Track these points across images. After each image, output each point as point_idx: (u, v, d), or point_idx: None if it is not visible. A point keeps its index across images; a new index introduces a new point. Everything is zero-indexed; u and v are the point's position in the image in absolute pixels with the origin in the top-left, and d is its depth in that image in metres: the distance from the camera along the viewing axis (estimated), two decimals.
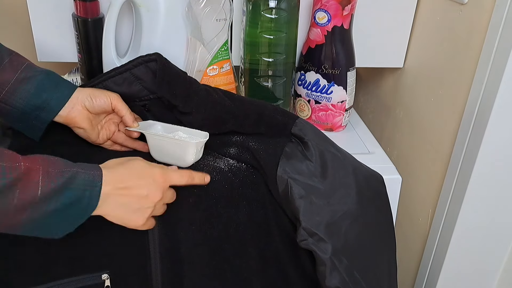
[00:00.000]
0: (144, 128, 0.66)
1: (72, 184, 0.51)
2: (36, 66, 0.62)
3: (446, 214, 0.79)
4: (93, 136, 0.64)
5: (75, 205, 0.52)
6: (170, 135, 0.65)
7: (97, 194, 0.53)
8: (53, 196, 0.49)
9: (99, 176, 0.53)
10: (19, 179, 0.47)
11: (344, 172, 0.66)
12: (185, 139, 0.64)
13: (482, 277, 0.83)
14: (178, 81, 0.65)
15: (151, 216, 0.59)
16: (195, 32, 0.77)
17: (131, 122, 0.65)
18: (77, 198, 0.51)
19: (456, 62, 0.77)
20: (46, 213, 0.50)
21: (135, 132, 0.66)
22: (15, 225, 0.49)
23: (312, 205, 0.63)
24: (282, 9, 0.76)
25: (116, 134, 0.68)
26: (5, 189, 0.46)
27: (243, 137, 0.67)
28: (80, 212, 0.53)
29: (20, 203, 0.47)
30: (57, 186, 0.50)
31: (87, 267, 0.62)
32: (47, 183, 0.49)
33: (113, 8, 0.71)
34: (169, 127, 0.67)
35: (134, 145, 0.68)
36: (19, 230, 0.50)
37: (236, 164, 0.67)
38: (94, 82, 0.65)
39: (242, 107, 0.67)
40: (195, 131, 0.66)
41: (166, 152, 0.64)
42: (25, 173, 0.48)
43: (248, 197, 0.66)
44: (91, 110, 0.63)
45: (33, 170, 0.49)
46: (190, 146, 0.63)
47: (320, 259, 0.62)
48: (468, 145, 0.73)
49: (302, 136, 0.65)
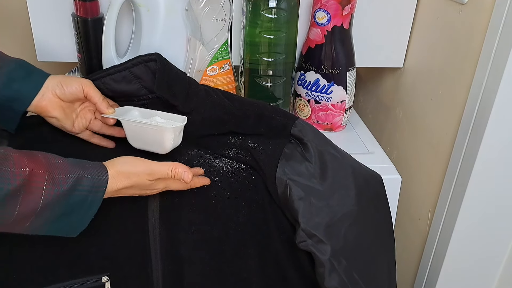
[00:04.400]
0: (120, 114, 0.63)
1: (76, 190, 0.51)
2: (6, 56, 0.60)
3: (445, 214, 0.79)
4: (67, 125, 0.62)
5: (77, 210, 0.52)
6: (147, 120, 0.62)
7: (99, 199, 0.53)
8: (56, 202, 0.50)
9: (104, 181, 0.53)
10: (23, 185, 0.47)
11: (343, 173, 0.66)
12: (162, 125, 0.61)
13: (482, 277, 0.83)
14: (177, 81, 0.65)
15: None
16: (195, 32, 0.77)
17: (105, 109, 0.62)
18: (79, 203, 0.52)
19: (456, 62, 0.77)
20: (49, 219, 0.50)
21: (111, 119, 0.64)
22: (20, 231, 0.50)
23: (311, 206, 0.62)
24: (282, 9, 0.76)
25: (93, 122, 0.65)
26: (11, 195, 0.46)
27: (243, 138, 0.67)
28: (83, 216, 0.53)
29: (23, 210, 0.48)
30: (60, 193, 0.50)
31: (88, 269, 0.62)
32: (50, 190, 0.49)
33: (113, 7, 0.71)
34: (147, 112, 0.64)
35: (110, 131, 0.66)
36: (25, 232, 0.51)
37: (235, 165, 0.67)
38: (93, 78, 0.65)
39: (242, 107, 0.67)
40: (174, 116, 0.63)
41: (143, 139, 0.62)
42: (30, 179, 0.48)
43: (248, 198, 0.66)
44: (62, 97, 0.60)
45: (37, 176, 0.49)
46: (167, 132, 0.60)
47: (319, 260, 0.62)
48: (468, 145, 0.73)
49: (302, 137, 0.65)
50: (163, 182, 0.59)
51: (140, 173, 0.57)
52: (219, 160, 0.67)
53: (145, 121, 0.62)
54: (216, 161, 0.66)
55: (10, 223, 0.48)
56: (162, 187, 0.60)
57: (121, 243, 0.62)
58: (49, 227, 0.51)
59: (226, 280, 0.66)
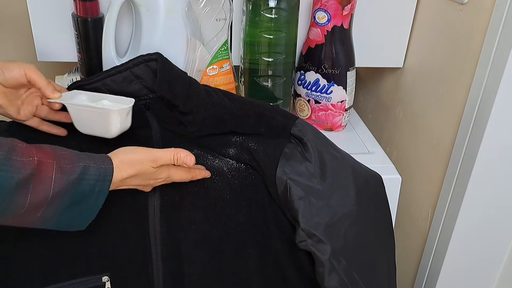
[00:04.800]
0: (67, 99, 0.61)
1: (84, 179, 0.51)
2: None
3: (445, 214, 0.79)
4: (12, 112, 0.60)
5: (84, 201, 0.52)
6: (93, 104, 0.60)
7: (106, 188, 0.53)
8: (66, 191, 0.50)
9: (110, 170, 0.54)
10: (33, 174, 0.48)
11: (343, 173, 0.66)
12: (108, 107, 0.59)
13: (482, 277, 0.83)
14: (178, 81, 0.65)
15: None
16: (195, 32, 0.77)
17: (51, 93, 0.59)
18: (88, 192, 0.52)
19: (456, 62, 0.77)
20: (58, 210, 0.51)
21: (56, 103, 0.62)
22: (31, 222, 0.50)
23: (311, 206, 0.63)
24: (282, 9, 0.76)
25: (39, 108, 0.63)
26: (21, 185, 0.47)
27: (243, 138, 0.67)
28: (91, 206, 0.53)
29: (34, 200, 0.48)
30: (70, 181, 0.50)
31: (88, 269, 0.62)
32: (59, 179, 0.49)
33: (113, 7, 0.71)
34: (95, 96, 0.62)
35: (57, 117, 0.64)
36: (35, 225, 0.51)
37: (235, 164, 0.67)
38: (93, 80, 0.65)
39: (242, 107, 0.67)
40: (122, 98, 0.61)
41: (89, 123, 0.60)
42: (39, 169, 0.48)
43: (248, 198, 0.66)
44: (4, 83, 0.58)
45: (46, 165, 0.49)
46: (113, 114, 0.58)
47: (319, 260, 0.62)
48: (468, 145, 0.73)
49: (302, 136, 0.65)
50: (166, 170, 0.59)
51: (143, 160, 0.57)
52: (219, 159, 0.67)
53: (91, 104, 0.60)
54: (216, 161, 0.66)
55: (22, 213, 0.48)
56: (165, 176, 0.59)
57: (121, 243, 0.62)
58: (59, 218, 0.52)
59: (226, 280, 0.66)
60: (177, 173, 0.61)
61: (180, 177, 0.61)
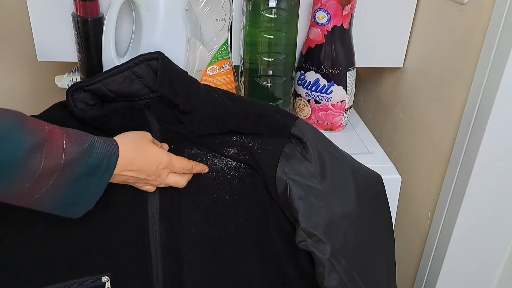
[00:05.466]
0: None
1: (93, 151, 0.53)
2: None
3: (445, 214, 0.79)
4: None
5: (93, 173, 0.53)
6: None
7: (114, 163, 0.55)
8: (77, 160, 0.51)
9: (116, 147, 0.56)
10: (46, 140, 0.49)
11: (343, 173, 0.66)
12: None
13: (482, 277, 0.83)
14: (179, 80, 0.65)
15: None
16: (195, 32, 0.77)
17: None
18: (96, 165, 0.53)
19: (456, 62, 0.77)
20: (69, 179, 0.51)
21: None
22: (39, 197, 0.51)
23: (311, 206, 0.63)
24: (282, 8, 0.76)
25: None
26: (35, 148, 0.48)
27: (243, 138, 0.67)
28: (97, 183, 0.54)
29: (47, 165, 0.49)
30: (80, 151, 0.52)
31: (88, 269, 0.62)
32: (70, 148, 0.51)
33: (113, 7, 0.71)
34: None
35: None
36: (42, 202, 0.51)
37: (235, 164, 0.67)
38: (94, 80, 0.64)
39: (242, 107, 0.67)
40: None
41: None
42: (51, 136, 0.50)
43: (247, 198, 0.66)
44: None
45: (57, 134, 0.51)
46: None
47: (319, 260, 0.62)
48: (468, 145, 0.73)
49: (301, 136, 0.65)
50: (167, 169, 0.61)
51: (143, 136, 0.60)
52: (219, 159, 0.67)
53: None
54: (216, 160, 0.66)
55: (35, 179, 0.49)
56: (167, 160, 0.61)
57: (121, 243, 0.62)
58: (70, 188, 0.52)
59: (226, 280, 0.66)
60: (178, 163, 0.62)
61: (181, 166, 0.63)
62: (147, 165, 0.59)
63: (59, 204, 0.53)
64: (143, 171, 0.59)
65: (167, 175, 0.61)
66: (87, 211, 0.56)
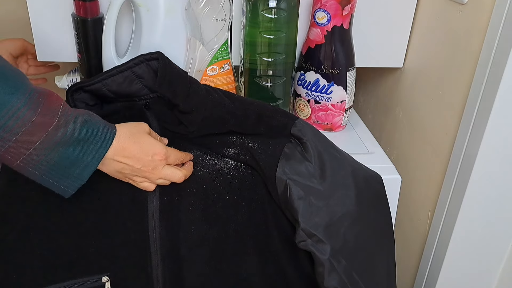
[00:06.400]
0: None
1: (90, 120, 0.54)
2: None
3: (445, 214, 0.79)
4: None
5: (89, 142, 0.54)
6: None
7: (111, 138, 0.55)
8: (73, 122, 0.52)
9: (113, 128, 0.57)
10: (46, 95, 0.51)
11: (343, 173, 0.66)
12: None
13: (482, 277, 0.83)
14: (179, 80, 0.65)
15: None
16: (194, 32, 0.77)
17: None
18: (93, 134, 0.54)
19: (455, 62, 0.77)
20: (63, 139, 0.52)
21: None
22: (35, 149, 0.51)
23: (311, 206, 0.62)
24: (282, 9, 0.76)
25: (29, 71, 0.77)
26: (32, 97, 0.49)
27: (243, 138, 0.67)
28: (92, 154, 0.54)
29: (42, 118, 0.50)
30: (77, 116, 0.53)
31: (87, 269, 0.62)
32: (67, 110, 0.52)
33: (112, 7, 0.71)
34: None
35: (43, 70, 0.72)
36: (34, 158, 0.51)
37: (235, 164, 0.67)
38: (94, 80, 0.64)
39: (242, 107, 0.67)
40: None
41: None
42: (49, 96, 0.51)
43: (247, 198, 0.66)
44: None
45: (56, 97, 0.52)
46: None
47: (319, 260, 0.62)
48: (468, 145, 0.73)
49: (301, 136, 0.65)
50: (163, 160, 0.61)
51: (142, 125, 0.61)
52: (218, 159, 0.67)
53: None
54: (216, 160, 0.66)
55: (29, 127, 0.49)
56: (162, 165, 0.61)
57: (121, 243, 0.62)
58: (64, 151, 0.52)
59: (226, 280, 0.66)
60: (172, 159, 0.62)
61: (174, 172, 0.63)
62: (142, 153, 0.59)
63: (52, 168, 0.53)
64: (138, 160, 0.59)
65: (163, 167, 0.61)
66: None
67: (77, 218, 0.61)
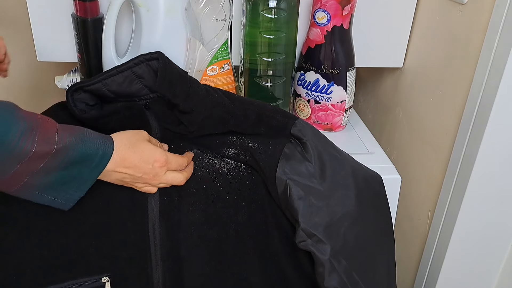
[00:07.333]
0: None
1: (87, 140, 0.53)
2: None
3: (445, 214, 0.79)
4: None
5: (87, 162, 0.54)
6: None
7: (109, 152, 0.55)
8: (70, 147, 0.52)
9: (111, 141, 0.56)
10: (38, 125, 0.50)
11: (343, 173, 0.66)
12: None
13: (482, 277, 0.83)
14: (179, 80, 0.65)
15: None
16: (194, 32, 0.77)
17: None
18: (91, 153, 0.54)
19: (455, 62, 0.77)
20: (60, 166, 0.52)
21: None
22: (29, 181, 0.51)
23: (311, 206, 0.62)
24: (282, 9, 0.76)
25: None
26: (27, 132, 0.48)
27: (243, 138, 0.67)
28: (90, 171, 0.55)
29: (39, 149, 0.49)
30: (73, 139, 0.52)
31: (87, 270, 0.61)
32: (63, 135, 0.52)
33: (112, 8, 0.71)
34: None
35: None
36: (31, 187, 0.52)
37: (235, 164, 0.67)
38: (94, 80, 0.64)
39: (242, 107, 0.67)
40: None
41: None
42: (43, 123, 0.51)
43: (247, 198, 0.66)
44: None
45: (49, 123, 0.51)
46: None
47: (319, 260, 0.62)
48: (468, 145, 0.73)
49: (301, 136, 0.65)
50: (164, 167, 0.61)
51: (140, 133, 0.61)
52: (218, 159, 0.67)
53: None
54: (216, 160, 0.66)
55: (27, 160, 0.49)
56: (164, 171, 0.61)
57: (121, 243, 0.62)
58: (61, 173, 0.52)
59: (226, 280, 0.66)
60: (173, 164, 0.62)
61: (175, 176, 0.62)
62: (142, 162, 0.59)
63: (50, 187, 0.53)
64: (138, 169, 0.59)
65: (164, 173, 0.61)
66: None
67: (77, 218, 0.61)
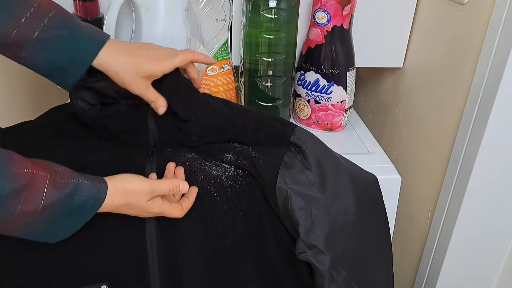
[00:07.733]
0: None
1: (76, 194, 0.52)
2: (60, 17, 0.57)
3: (445, 214, 0.80)
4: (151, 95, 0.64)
5: (75, 214, 0.53)
6: None
7: (98, 205, 0.54)
8: (57, 203, 0.50)
9: (104, 189, 0.54)
10: (26, 185, 0.48)
11: (342, 180, 0.66)
12: None
13: (482, 277, 0.83)
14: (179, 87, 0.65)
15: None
16: (194, 32, 0.77)
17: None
18: (78, 207, 0.52)
19: (455, 62, 0.77)
20: (46, 220, 0.51)
21: None
22: (14, 229, 0.50)
23: (311, 216, 0.62)
24: (282, 9, 0.76)
25: None
26: (13, 194, 0.47)
27: (243, 145, 0.66)
28: (78, 220, 0.54)
29: (24, 209, 0.48)
30: (62, 196, 0.51)
31: (86, 279, 0.61)
32: (51, 192, 0.50)
33: (112, 8, 0.71)
34: None
35: None
36: (17, 233, 0.51)
37: (233, 171, 0.66)
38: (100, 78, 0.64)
39: (241, 115, 0.67)
40: None
41: None
42: (32, 181, 0.49)
43: (245, 207, 0.65)
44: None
45: (40, 178, 0.50)
46: None
47: (319, 271, 0.62)
48: (468, 145, 0.73)
49: (300, 144, 0.65)
50: (159, 205, 0.59)
51: (139, 192, 0.57)
52: (216, 165, 0.66)
53: None
54: (214, 167, 0.65)
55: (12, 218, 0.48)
56: (158, 211, 0.60)
57: (119, 253, 0.62)
58: (47, 225, 0.52)
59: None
60: (170, 211, 0.61)
61: (172, 214, 0.61)
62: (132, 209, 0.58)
63: (33, 235, 0.53)
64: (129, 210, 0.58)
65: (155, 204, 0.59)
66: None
67: None
